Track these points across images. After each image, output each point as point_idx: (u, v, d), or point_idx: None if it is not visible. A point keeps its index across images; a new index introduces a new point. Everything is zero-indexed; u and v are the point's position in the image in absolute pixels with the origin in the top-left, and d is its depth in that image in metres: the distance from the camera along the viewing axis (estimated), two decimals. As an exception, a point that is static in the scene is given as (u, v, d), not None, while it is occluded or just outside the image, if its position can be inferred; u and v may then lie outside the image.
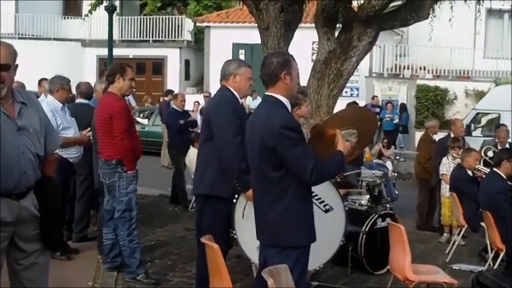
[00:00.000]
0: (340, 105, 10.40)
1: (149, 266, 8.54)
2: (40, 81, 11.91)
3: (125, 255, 7.99)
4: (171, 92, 22.62)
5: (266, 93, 5.29)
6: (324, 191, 6.71)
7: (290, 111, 5.27)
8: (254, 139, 5.19)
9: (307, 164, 4.93)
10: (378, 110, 26.15)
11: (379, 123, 24.35)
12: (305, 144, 5.08)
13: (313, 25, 11.02)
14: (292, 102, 5.78)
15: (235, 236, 6.79)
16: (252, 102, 26.20)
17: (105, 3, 23.08)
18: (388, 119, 26.23)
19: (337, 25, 10.95)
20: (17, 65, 4.98)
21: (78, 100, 10.09)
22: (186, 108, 15.82)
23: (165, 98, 22.14)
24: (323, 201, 6.89)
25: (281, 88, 5.19)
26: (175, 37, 36.08)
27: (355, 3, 11.39)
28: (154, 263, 8.88)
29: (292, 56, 5.38)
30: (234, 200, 6.79)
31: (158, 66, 36.07)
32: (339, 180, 8.08)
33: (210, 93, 24.52)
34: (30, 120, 4.93)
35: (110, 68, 8.31)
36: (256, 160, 5.21)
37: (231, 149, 6.47)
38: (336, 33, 10.82)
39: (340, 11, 10.73)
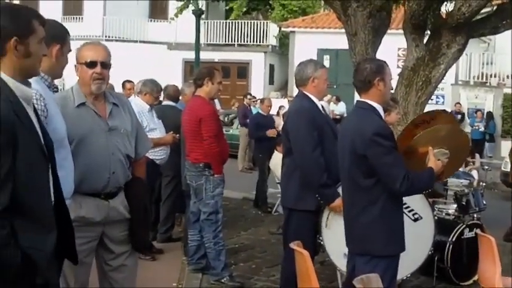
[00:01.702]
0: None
1: (233, 269, 8.54)
2: (124, 84, 12.10)
3: (210, 258, 8.03)
4: (248, 94, 22.73)
5: (359, 99, 5.25)
6: (413, 200, 6.62)
7: (383, 117, 5.22)
8: (345, 145, 5.16)
9: (398, 173, 4.87)
10: (459, 116, 25.79)
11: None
12: (397, 153, 5.00)
13: (399, 31, 10.91)
14: (383, 108, 5.73)
15: (321, 243, 6.75)
16: (336, 108, 26.11)
17: (191, 7, 23.33)
18: (476, 127, 25.83)
19: (426, 32, 10.81)
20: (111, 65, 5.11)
21: (165, 102, 10.21)
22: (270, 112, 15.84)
23: (244, 102, 22.25)
24: (412, 210, 6.79)
25: (374, 94, 5.14)
26: (260, 41, 36.21)
27: (444, 10, 11.22)
28: (238, 266, 8.90)
29: (385, 62, 5.33)
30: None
31: (243, 70, 36.25)
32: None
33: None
34: (121, 121, 5.00)
35: (197, 72, 8.36)
36: (346, 167, 5.17)
37: (310, 163, 6.41)
38: (425, 40, 10.68)
39: (429, 18, 10.58)
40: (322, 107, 6.81)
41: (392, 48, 25.85)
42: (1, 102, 3.26)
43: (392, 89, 5.80)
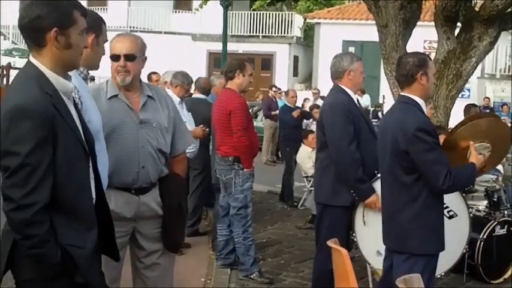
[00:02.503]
0: (456, 106, 10.17)
1: (261, 264, 8.45)
2: (149, 75, 12.03)
3: (239, 253, 7.97)
4: (274, 87, 22.66)
5: (401, 93, 5.16)
6: (449, 197, 6.49)
7: (426, 113, 5.11)
8: (386, 140, 5.06)
9: (440, 171, 4.78)
10: (488, 111, 25.60)
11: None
12: (440, 150, 4.91)
13: (425, 23, 10.78)
14: None
15: (354, 239, 6.66)
16: (360, 100, 25.98)
17: (217, -2, 23.27)
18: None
19: (457, 24, 10.67)
20: (146, 57, 5.02)
21: (196, 95, 10.14)
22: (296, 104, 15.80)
23: (269, 94, 22.18)
24: (447, 207, 6.67)
25: (417, 89, 5.04)
26: (284, 33, 36.09)
27: (476, 2, 11.08)
28: (267, 261, 8.81)
29: (428, 56, 5.23)
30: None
31: (267, 62, 36.13)
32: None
33: (318, 90, 24.37)
34: (155, 115, 4.91)
35: (228, 64, 8.28)
36: (387, 162, 5.07)
37: (346, 158, 6.34)
38: (456, 33, 10.54)
39: (460, 10, 10.44)
40: (358, 100, 6.72)
41: (419, 41, 25.64)
42: (40, 96, 3.20)
43: (435, 84, 5.68)
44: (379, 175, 6.07)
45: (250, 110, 8.60)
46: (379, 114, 25.03)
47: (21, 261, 3.30)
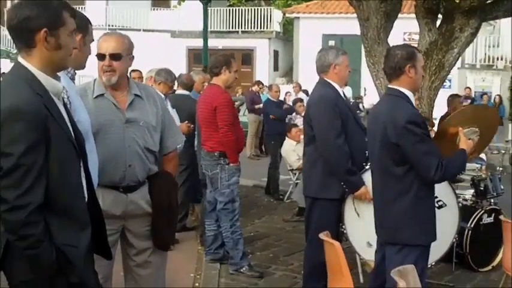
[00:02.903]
0: (439, 97, 10.23)
1: (250, 258, 8.46)
2: (130, 73, 11.99)
3: (228, 247, 7.98)
4: (259, 83, 22.69)
5: (390, 86, 5.17)
6: (439, 187, 6.54)
7: (414, 105, 5.14)
8: (376, 133, 5.07)
9: (432, 162, 4.81)
10: (469, 101, 25.75)
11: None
12: (430, 141, 4.94)
13: (405, 15, 10.80)
14: None
15: (344, 231, 6.69)
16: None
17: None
18: (483, 110, 25.81)
19: (438, 16, 10.71)
20: (133, 56, 5.01)
21: (179, 91, 10.13)
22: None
23: (252, 88, 22.20)
24: (436, 197, 6.71)
25: (405, 81, 5.06)
26: (263, 28, 36.07)
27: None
28: (256, 255, 8.82)
29: (416, 48, 5.25)
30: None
31: (247, 57, 36.12)
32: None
33: (299, 84, 24.42)
34: (143, 113, 4.89)
35: (213, 60, 8.27)
36: (377, 154, 5.10)
37: (334, 151, 6.36)
38: (437, 24, 10.58)
39: (441, 2, 10.48)
40: (344, 93, 6.73)
41: (399, 33, 25.70)
42: (32, 97, 3.20)
43: (423, 76, 5.71)
44: (367, 167, 6.10)
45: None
46: (360, 106, 25.14)
47: (14, 263, 3.30)
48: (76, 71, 4.53)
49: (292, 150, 12.50)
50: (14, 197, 3.13)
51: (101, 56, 4.85)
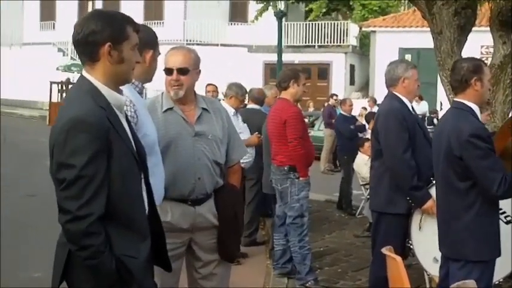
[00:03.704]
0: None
1: (318, 273, 8.44)
2: (206, 87, 12.15)
3: (296, 262, 7.97)
4: (334, 95, 22.66)
5: (455, 99, 5.13)
6: (505, 202, 6.43)
7: (480, 119, 5.08)
8: (440, 146, 5.03)
9: (495, 177, 4.74)
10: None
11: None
12: (494, 155, 4.86)
13: (482, 28, 10.65)
14: None
15: (411, 247, 6.62)
16: (418, 107, 25.76)
17: (271, 9, 23.35)
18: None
19: (514, 28, 10.53)
20: (200, 70, 5.08)
21: (250, 105, 10.20)
22: (353, 113, 15.78)
23: (329, 103, 22.18)
24: (504, 212, 6.59)
25: (471, 95, 5.01)
26: (340, 42, 36.00)
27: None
28: (324, 270, 8.78)
29: (483, 61, 5.20)
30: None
31: (323, 71, 36.04)
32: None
33: (374, 99, 24.29)
34: (210, 127, 4.97)
35: (282, 74, 8.32)
36: (441, 168, 5.05)
37: (401, 166, 6.30)
38: (512, 37, 10.41)
39: (516, 13, 10.31)
40: (413, 107, 6.69)
41: (476, 46, 25.35)
42: (95, 109, 3.28)
43: (490, 89, 5.64)
44: (434, 181, 6.04)
45: (306, 120, 8.71)
46: (434, 120, 24.81)
47: (76, 272, 3.36)
48: (144, 85, 4.64)
49: (365, 165, 12.40)
50: (76, 208, 3.19)
51: (168, 71, 4.92)
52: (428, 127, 9.30)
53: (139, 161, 3.52)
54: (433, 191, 6.12)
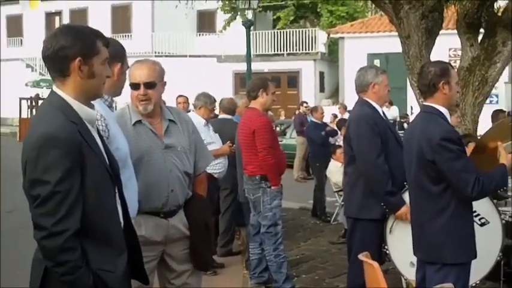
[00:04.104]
0: (484, 112, 10.12)
1: (295, 281, 8.43)
2: (177, 98, 12.14)
3: (272, 270, 7.95)
4: (304, 103, 22.72)
5: (424, 103, 5.16)
6: (479, 204, 6.45)
7: (449, 121, 5.10)
8: (412, 151, 5.05)
9: (468, 178, 4.75)
10: (517, 116, 25.40)
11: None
12: (466, 157, 4.88)
13: (449, 31, 10.72)
14: None
15: (387, 252, 6.62)
16: (388, 112, 25.88)
17: (239, 19, 23.35)
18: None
19: (480, 30, 10.62)
20: (165, 82, 5.05)
21: (221, 116, 10.18)
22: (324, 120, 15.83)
23: (300, 111, 22.24)
24: (478, 215, 6.62)
25: (440, 98, 5.04)
26: (309, 49, 36.09)
27: (497, 7, 11.00)
28: (301, 277, 8.76)
29: (450, 64, 5.22)
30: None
31: (293, 79, 36.11)
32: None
33: (345, 106, 24.37)
34: (178, 138, 4.98)
35: (251, 84, 8.32)
36: (413, 173, 5.06)
37: (375, 171, 6.31)
38: (479, 39, 10.49)
39: (483, 16, 10.39)
40: (384, 113, 6.70)
41: (443, 49, 25.53)
42: (66, 124, 3.26)
43: (458, 92, 5.66)
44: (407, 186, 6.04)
45: (278, 128, 8.70)
46: (405, 125, 24.93)
47: None
48: (113, 98, 4.60)
49: (337, 171, 12.43)
50: (51, 224, 3.17)
51: (134, 86, 4.90)
52: (399, 132, 9.32)
53: (113, 175, 3.51)
54: (406, 196, 6.13)
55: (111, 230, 3.44)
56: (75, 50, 3.35)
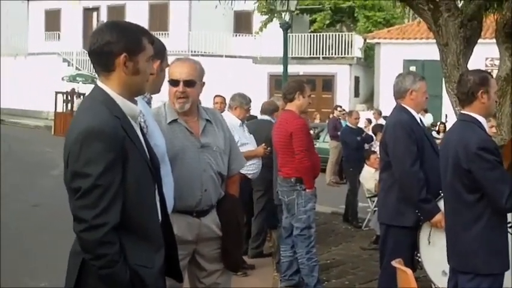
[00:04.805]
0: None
1: (326, 285, 8.44)
2: (214, 98, 12.17)
3: (303, 273, 7.97)
4: (338, 107, 22.67)
5: (462, 111, 5.13)
6: (513, 214, 6.42)
7: (487, 131, 5.07)
8: (448, 158, 5.02)
9: (503, 190, 4.72)
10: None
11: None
12: (502, 168, 4.86)
13: (486, 41, 10.64)
14: None
15: (419, 259, 6.59)
16: (423, 119, 25.75)
17: (276, 21, 23.35)
18: None
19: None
20: (204, 83, 5.07)
21: (261, 117, 10.21)
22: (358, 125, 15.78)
23: (334, 115, 22.20)
24: (512, 225, 6.60)
25: (478, 107, 5.01)
26: (344, 54, 35.99)
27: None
28: (331, 282, 8.74)
29: (489, 73, 5.19)
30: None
31: (328, 83, 35.99)
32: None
33: (380, 111, 24.30)
34: (214, 138, 5.00)
35: (287, 86, 8.32)
36: (449, 181, 5.04)
37: (409, 178, 6.28)
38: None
39: (522, 25, 10.30)
40: (421, 120, 6.68)
41: (480, 58, 25.36)
42: (110, 119, 3.29)
43: (497, 102, 5.63)
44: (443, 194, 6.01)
45: (311, 131, 8.75)
46: (434, 133, 24.78)
47: (89, 282, 3.35)
48: (152, 95, 4.64)
49: (371, 177, 12.40)
50: (91, 217, 3.19)
51: (174, 82, 4.92)
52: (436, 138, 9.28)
53: (154, 171, 3.52)
54: (441, 204, 6.10)
55: (150, 225, 3.46)
56: (120, 45, 3.38)
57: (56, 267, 3.56)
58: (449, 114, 24.84)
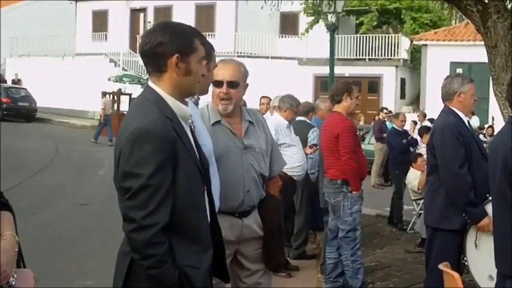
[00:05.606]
0: None
1: (370, 287, 8.40)
2: (260, 99, 12.20)
3: (348, 276, 7.94)
4: (384, 109, 22.55)
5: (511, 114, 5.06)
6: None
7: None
8: (497, 162, 4.95)
9: None
10: None
11: None
12: None
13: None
14: None
15: (466, 263, 6.54)
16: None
17: (321, 22, 23.28)
18: None
19: None
20: (247, 84, 5.09)
21: (298, 118, 10.21)
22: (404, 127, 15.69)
23: (379, 117, 22.10)
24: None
25: None
26: (391, 55, 35.76)
27: None
28: (376, 285, 8.71)
29: None
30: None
31: (374, 84, 35.80)
32: None
33: (424, 114, 24.10)
34: (257, 140, 5.03)
35: (334, 88, 8.31)
36: (497, 184, 4.97)
37: (456, 181, 6.23)
38: None
39: None
40: (469, 122, 6.62)
41: (530, 61, 25.07)
42: (161, 119, 3.31)
43: None
44: (490, 198, 5.95)
45: (357, 133, 8.76)
46: (481, 136, 24.52)
47: (137, 281, 3.38)
48: (200, 97, 4.66)
49: (417, 180, 12.31)
50: (141, 217, 3.22)
51: (218, 83, 4.93)
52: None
53: (203, 172, 3.53)
54: (489, 208, 6.03)
55: (199, 226, 3.48)
56: (173, 46, 3.40)
57: (102, 265, 3.58)
58: (496, 117, 24.53)
